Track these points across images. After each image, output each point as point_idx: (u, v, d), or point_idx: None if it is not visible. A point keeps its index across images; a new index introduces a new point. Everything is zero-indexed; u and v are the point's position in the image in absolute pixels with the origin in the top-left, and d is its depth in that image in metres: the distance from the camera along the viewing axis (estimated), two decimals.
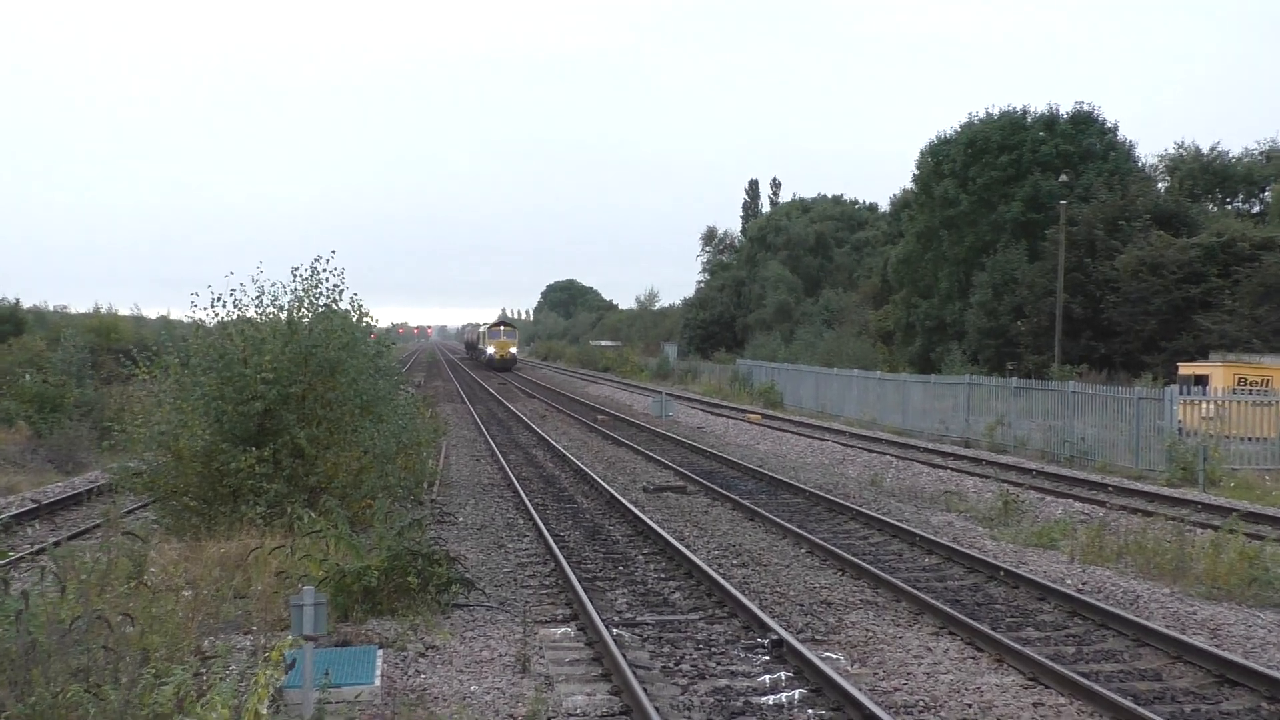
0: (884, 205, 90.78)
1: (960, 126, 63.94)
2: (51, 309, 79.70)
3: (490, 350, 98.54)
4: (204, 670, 9.11)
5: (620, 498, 22.08)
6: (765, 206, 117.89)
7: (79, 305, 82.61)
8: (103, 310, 73.63)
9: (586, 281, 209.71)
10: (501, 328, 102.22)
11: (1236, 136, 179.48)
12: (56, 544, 13.87)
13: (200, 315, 17.84)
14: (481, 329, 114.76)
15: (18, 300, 65.45)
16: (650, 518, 19.84)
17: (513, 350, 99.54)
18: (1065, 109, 62.47)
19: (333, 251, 18.16)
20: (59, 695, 7.72)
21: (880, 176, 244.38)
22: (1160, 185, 63.24)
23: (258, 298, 17.60)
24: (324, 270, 18.09)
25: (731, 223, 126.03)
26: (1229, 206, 66.67)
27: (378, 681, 10.14)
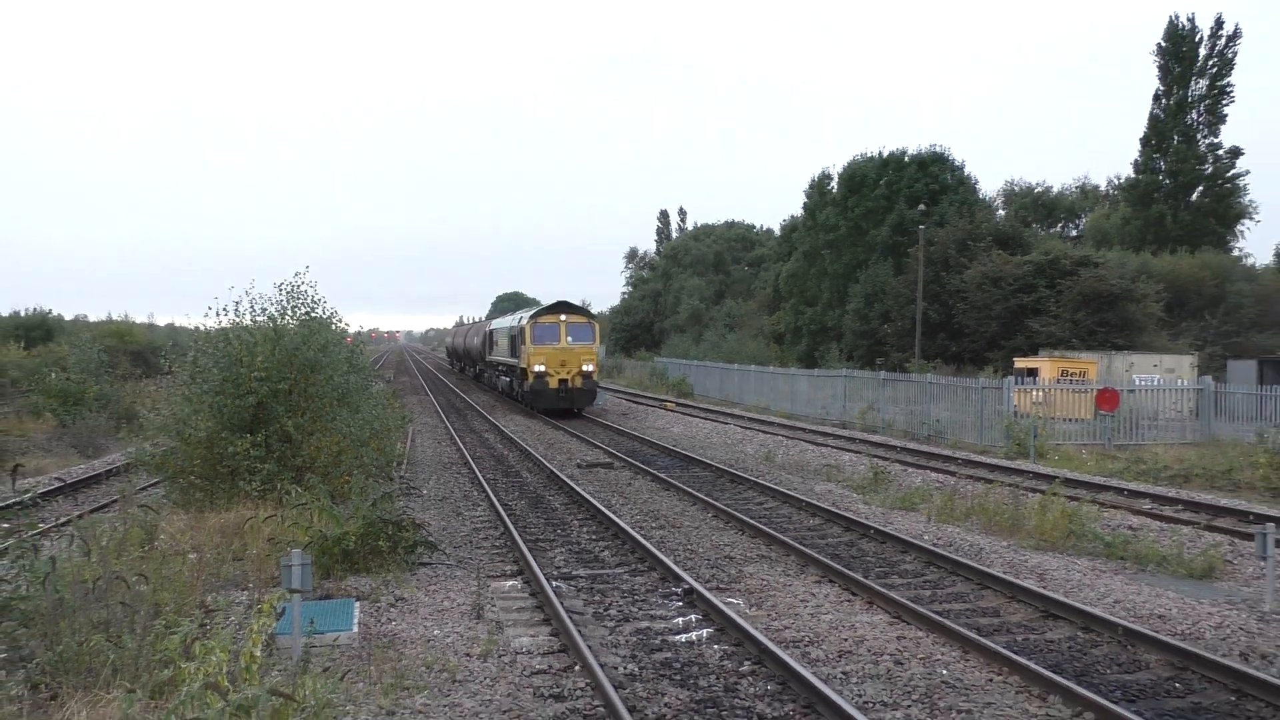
0: (776, 228, 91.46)
1: (845, 165, 64.57)
2: (73, 318, 78.26)
3: (538, 367, 39.43)
4: (207, 621, 9.00)
5: (558, 473, 22.04)
6: (675, 231, 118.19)
7: (99, 314, 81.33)
8: (117, 318, 72.46)
9: (530, 293, 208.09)
10: (563, 319, 40.66)
11: (1058, 173, 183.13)
12: (80, 516, 13.58)
13: (206, 323, 17.73)
14: (514, 323, 45.19)
15: (50, 310, 64.65)
16: (583, 489, 19.86)
17: (589, 368, 40.36)
18: (923, 149, 63.27)
19: (306, 267, 18.07)
20: (83, 644, 7.63)
21: (770, 203, 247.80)
22: (999, 213, 64.39)
23: (250, 308, 17.46)
24: (303, 284, 18.01)
25: (648, 244, 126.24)
26: (1053, 231, 68.19)
27: (355, 628, 10.09)
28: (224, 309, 17.17)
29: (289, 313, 17.48)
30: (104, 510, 17.27)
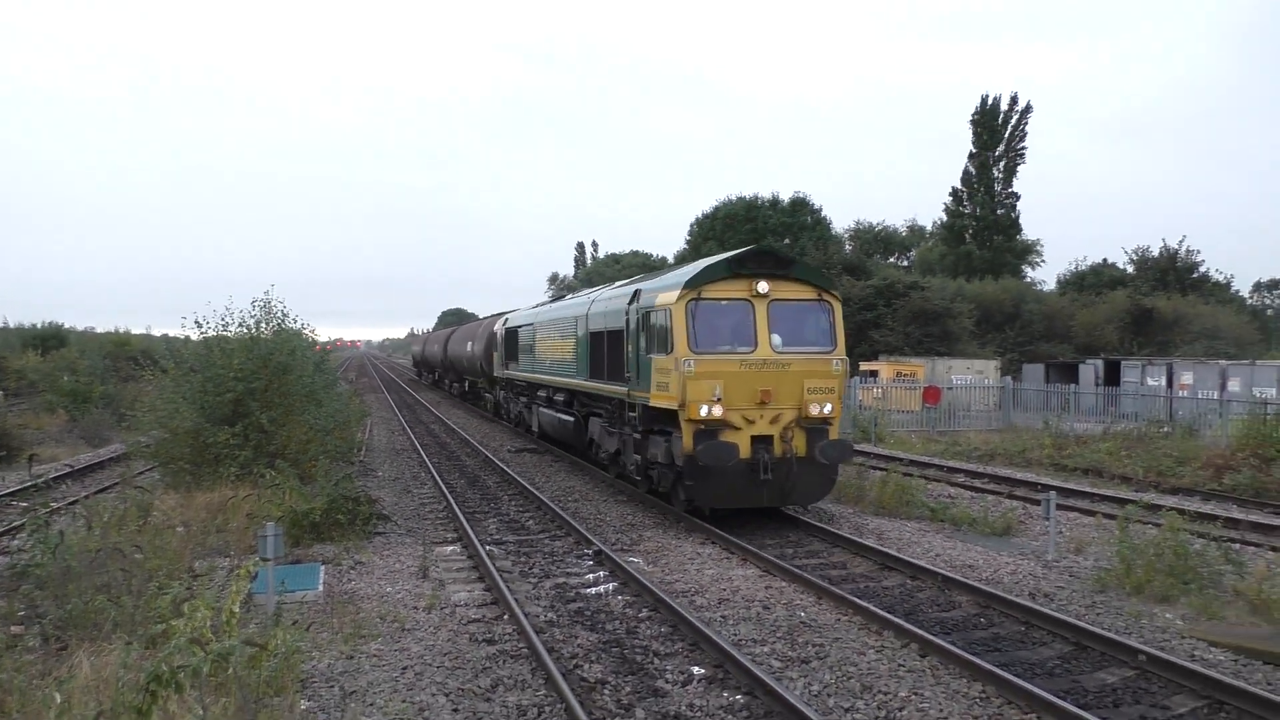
0: (670, 257, 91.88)
1: (717, 205, 65.28)
2: (82, 329, 75.40)
3: (708, 409, 11.58)
4: (194, 584, 8.79)
5: (492, 457, 21.82)
6: (589, 259, 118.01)
7: (105, 325, 78.68)
8: (119, 329, 70.21)
9: (470, 309, 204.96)
10: (762, 289, 11.90)
11: (893, 214, 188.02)
12: (86, 497, 13.13)
13: (190, 333, 17.29)
14: (616, 299, 14.54)
15: (61, 323, 62.45)
16: (513, 470, 19.72)
17: (827, 408, 12.22)
18: (785, 193, 64.47)
19: (272, 285, 17.80)
20: (88, 604, 7.43)
21: (666, 234, 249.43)
22: (848, 246, 65.77)
23: (225, 321, 17.07)
24: (273, 300, 17.76)
25: (568, 269, 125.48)
26: (890, 261, 69.91)
27: (320, 588, 9.93)
28: (200, 320, 16.76)
29: (263, 324, 17.12)
30: (107, 491, 16.68)
